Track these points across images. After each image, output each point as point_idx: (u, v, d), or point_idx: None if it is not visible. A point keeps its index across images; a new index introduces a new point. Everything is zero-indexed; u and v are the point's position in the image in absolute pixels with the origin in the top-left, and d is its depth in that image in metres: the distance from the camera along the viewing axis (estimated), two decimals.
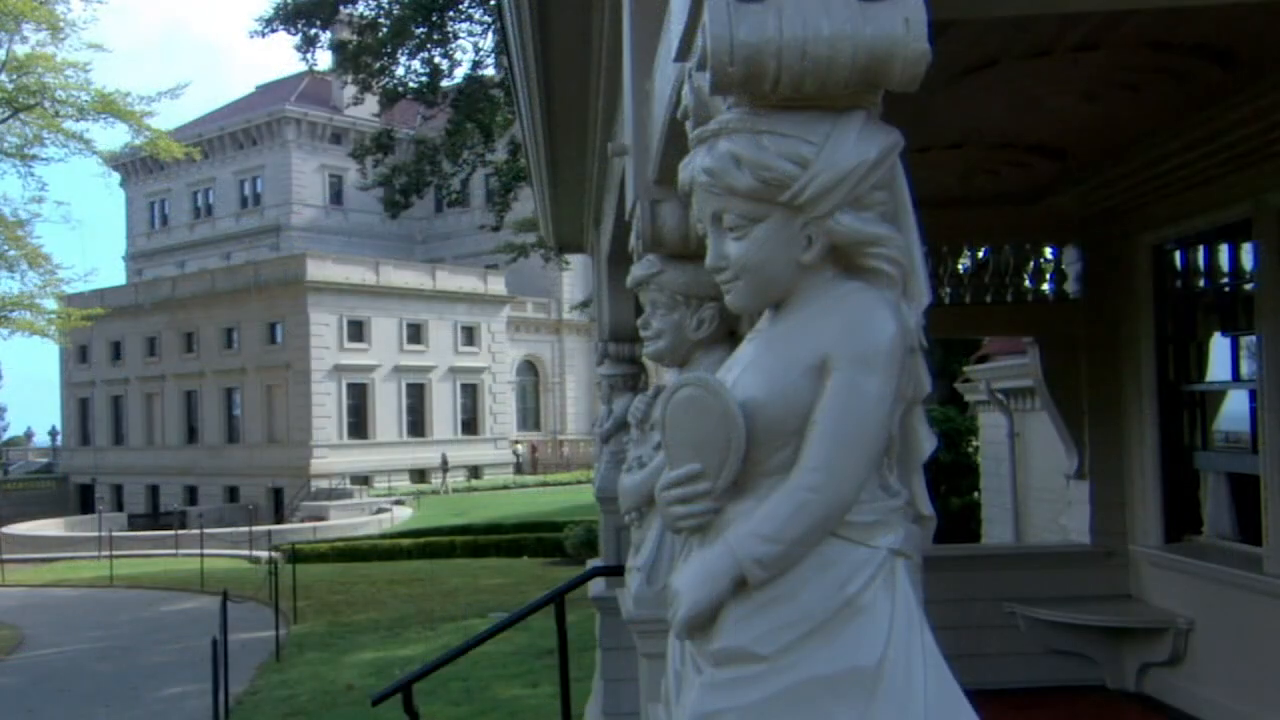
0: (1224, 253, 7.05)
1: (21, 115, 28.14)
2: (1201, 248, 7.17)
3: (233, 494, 48.81)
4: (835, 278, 1.62)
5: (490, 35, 20.75)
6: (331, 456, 47.14)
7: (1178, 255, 7.33)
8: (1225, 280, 7.12)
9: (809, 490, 1.53)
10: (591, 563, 7.92)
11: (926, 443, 1.68)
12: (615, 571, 6.87)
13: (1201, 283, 7.28)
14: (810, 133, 1.56)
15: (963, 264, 8.28)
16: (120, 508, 50.97)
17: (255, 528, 34.54)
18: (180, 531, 36.71)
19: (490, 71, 21.98)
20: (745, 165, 1.58)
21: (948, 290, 7.90)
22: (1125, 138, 6.11)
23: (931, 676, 1.50)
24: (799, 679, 1.50)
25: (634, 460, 3.06)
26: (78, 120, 28.62)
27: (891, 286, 1.60)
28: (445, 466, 47.82)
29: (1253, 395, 6.62)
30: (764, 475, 1.58)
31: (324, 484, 45.63)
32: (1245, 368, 6.82)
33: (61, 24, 27.70)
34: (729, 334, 2.85)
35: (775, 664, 1.51)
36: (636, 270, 2.98)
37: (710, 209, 1.67)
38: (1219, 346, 7.18)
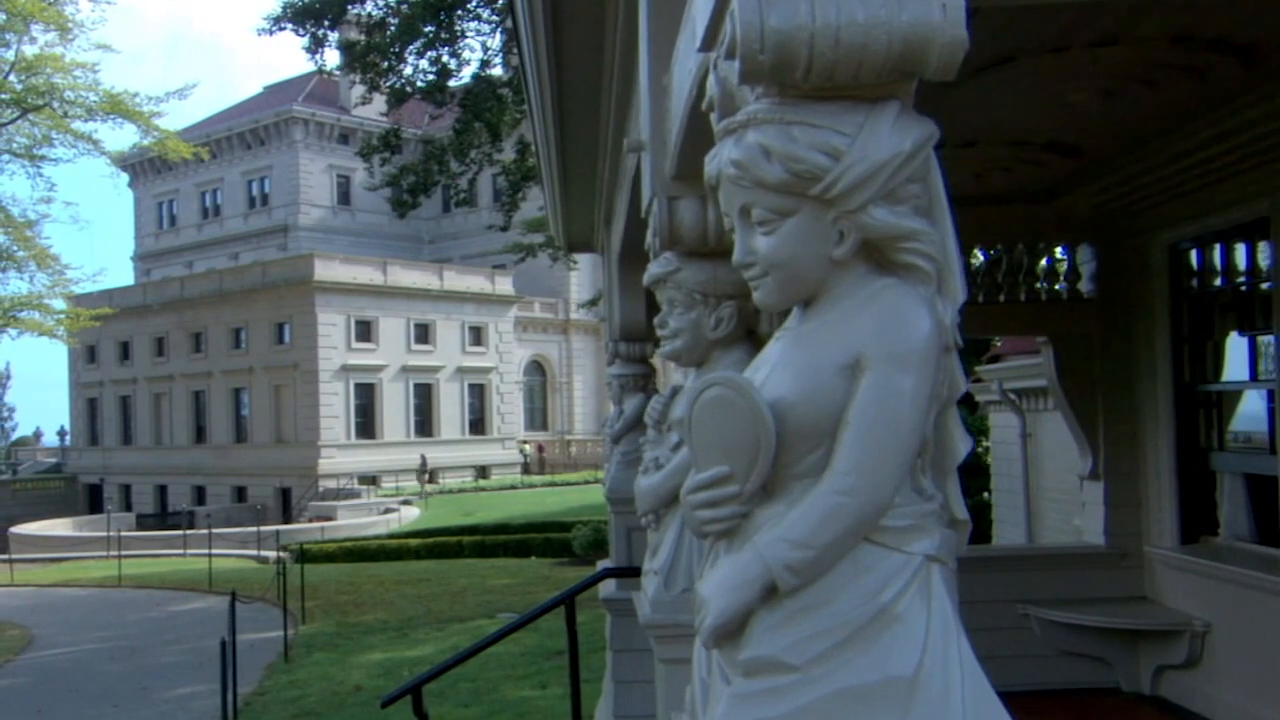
0: (1241, 251, 6.99)
1: (30, 116, 28.23)
2: (1218, 246, 7.10)
3: (240, 494, 48.87)
4: (868, 274, 1.57)
5: (499, 34, 20.73)
6: (339, 456, 47.17)
7: (1193, 254, 7.27)
8: (1242, 279, 7.05)
9: (842, 494, 1.47)
10: (601, 564, 7.87)
11: (961, 444, 1.62)
12: (626, 573, 6.83)
13: (1218, 282, 7.21)
14: (843, 123, 1.50)
15: (975, 263, 8.22)
16: (128, 508, 51.08)
17: (263, 528, 34.61)
18: (188, 531, 36.75)
19: (498, 71, 21.96)
20: (775, 157, 1.53)
21: None
22: (1142, 135, 6.04)
23: (969, 687, 1.44)
24: (832, 690, 1.45)
25: (650, 462, 3.01)
26: (86, 121, 28.76)
27: (927, 283, 1.55)
28: (424, 468, 47.45)
29: (1270, 395, 6.57)
30: (794, 478, 1.53)
31: (332, 484, 45.65)
32: (1263, 367, 6.76)
33: (70, 25, 27.79)
34: (748, 333, 2.80)
35: (807, 674, 1.45)
36: (653, 268, 2.93)
37: (738, 203, 1.61)
38: (1235, 346, 7.11)
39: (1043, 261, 8.09)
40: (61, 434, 64.50)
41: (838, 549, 1.47)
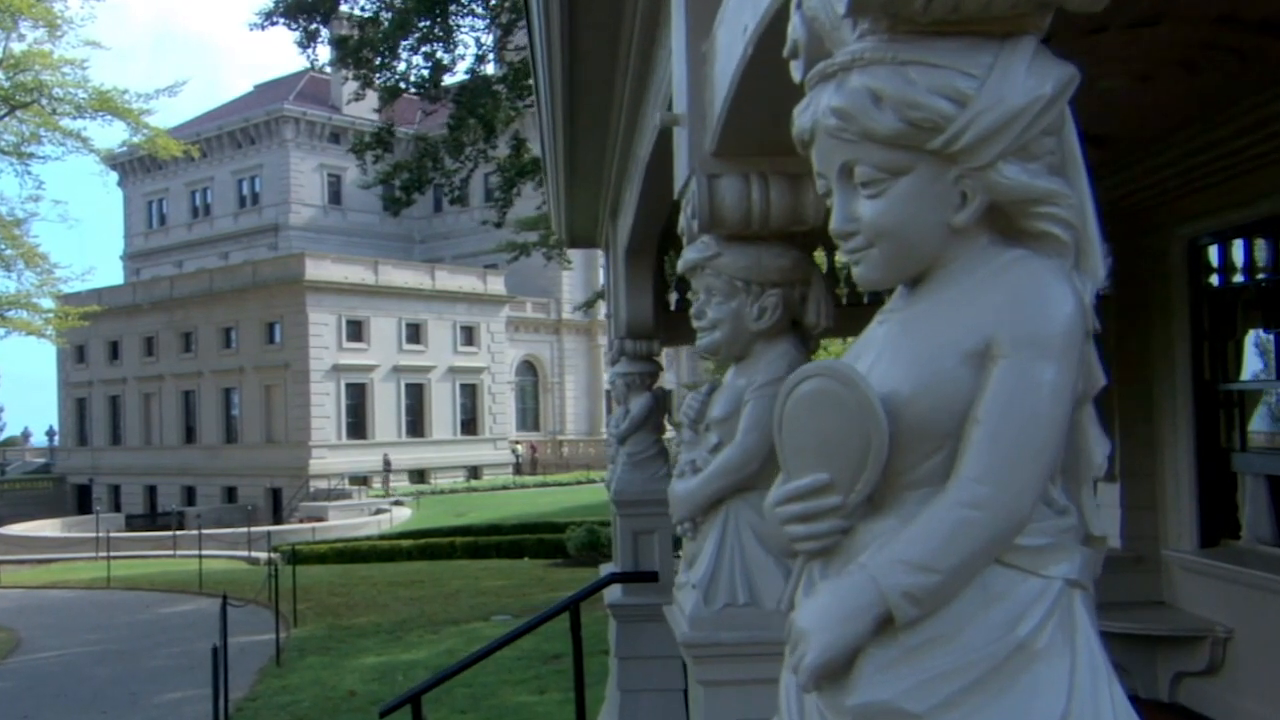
0: (1263, 247, 6.81)
1: (19, 113, 28.01)
2: (1240, 242, 6.92)
3: (231, 494, 48.59)
4: (991, 244, 1.32)
5: (493, 30, 20.51)
6: (330, 457, 46.90)
7: (1214, 250, 7.09)
8: (1263, 275, 6.87)
9: (972, 506, 1.23)
10: (605, 568, 7.65)
11: (1099, 448, 1.37)
12: (633, 578, 6.63)
13: (1239, 278, 7.03)
14: (969, 63, 1.26)
15: None
16: (118, 508, 50.74)
17: (254, 528, 34.31)
18: (178, 532, 36.49)
19: (492, 69, 21.75)
20: (888, 103, 1.28)
21: None
22: (1172, 123, 5.84)
23: None
24: None
25: (687, 465, 2.78)
26: (75, 118, 28.56)
27: (1063, 255, 1.30)
28: (388, 469, 46.78)
29: None
30: (907, 487, 1.30)
31: (323, 484, 45.40)
32: None
33: (59, 21, 27.55)
34: (793, 324, 2.58)
35: None
36: (689, 253, 2.69)
37: (838, 160, 1.36)
38: (1258, 343, 6.93)
39: None
40: (50, 434, 64.11)
41: (966, 573, 1.23)
